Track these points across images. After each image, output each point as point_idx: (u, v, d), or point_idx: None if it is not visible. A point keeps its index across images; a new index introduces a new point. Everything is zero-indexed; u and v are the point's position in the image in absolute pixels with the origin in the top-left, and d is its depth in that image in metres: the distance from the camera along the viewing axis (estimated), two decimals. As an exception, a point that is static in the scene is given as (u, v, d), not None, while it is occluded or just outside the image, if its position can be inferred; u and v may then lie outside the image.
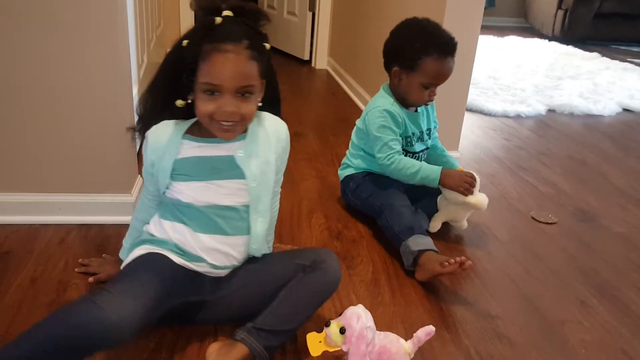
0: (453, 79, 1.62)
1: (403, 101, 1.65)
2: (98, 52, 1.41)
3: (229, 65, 1.02)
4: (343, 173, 1.78)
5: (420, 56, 1.54)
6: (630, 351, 1.24)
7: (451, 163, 1.74)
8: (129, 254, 1.13)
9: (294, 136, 2.39)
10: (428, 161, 1.74)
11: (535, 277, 1.50)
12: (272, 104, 1.20)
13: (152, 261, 1.09)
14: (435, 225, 1.64)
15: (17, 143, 1.47)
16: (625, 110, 3.36)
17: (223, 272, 1.16)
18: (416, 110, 1.68)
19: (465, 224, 1.67)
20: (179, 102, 1.08)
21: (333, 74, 3.63)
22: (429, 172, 1.58)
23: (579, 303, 1.40)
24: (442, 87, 1.86)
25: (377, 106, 1.63)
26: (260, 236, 1.17)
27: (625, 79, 4.02)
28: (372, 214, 1.65)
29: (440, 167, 1.59)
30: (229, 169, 1.12)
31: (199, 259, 1.12)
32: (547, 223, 1.81)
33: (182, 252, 1.12)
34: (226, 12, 1.06)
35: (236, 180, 1.12)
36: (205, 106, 1.05)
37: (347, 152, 1.79)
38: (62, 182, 1.52)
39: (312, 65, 3.86)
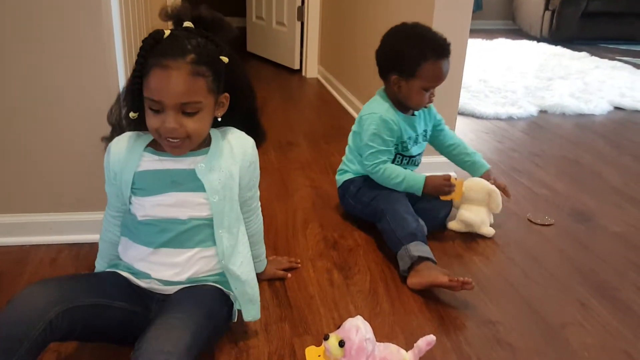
0: (444, 83, 1.62)
1: (400, 106, 1.65)
2: (87, 72, 1.40)
3: (168, 81, 1.00)
4: (342, 178, 1.76)
5: (419, 62, 1.56)
6: (633, 353, 1.22)
7: (480, 163, 1.77)
8: None
9: (287, 145, 2.41)
10: (456, 162, 1.81)
11: (534, 280, 1.49)
12: (245, 117, 1.19)
13: (97, 273, 1.14)
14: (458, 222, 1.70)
15: (5, 163, 1.46)
16: (617, 108, 3.36)
17: (171, 289, 1.11)
18: (413, 114, 1.68)
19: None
20: (132, 115, 1.07)
21: (324, 82, 3.63)
22: (413, 182, 1.61)
23: (579, 305, 1.39)
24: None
25: (372, 112, 1.63)
26: (226, 253, 1.12)
27: (615, 77, 4.03)
28: (372, 219, 1.63)
29: (424, 176, 1.61)
30: (189, 182, 1.09)
31: (145, 276, 1.11)
32: (544, 225, 1.80)
33: (131, 271, 1.11)
34: (186, 24, 1.06)
35: (196, 194, 1.09)
36: (151, 122, 1.04)
37: (344, 157, 1.78)
38: (52, 201, 1.50)
39: (303, 74, 3.85)
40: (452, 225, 1.72)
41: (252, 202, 1.25)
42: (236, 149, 1.14)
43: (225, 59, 1.07)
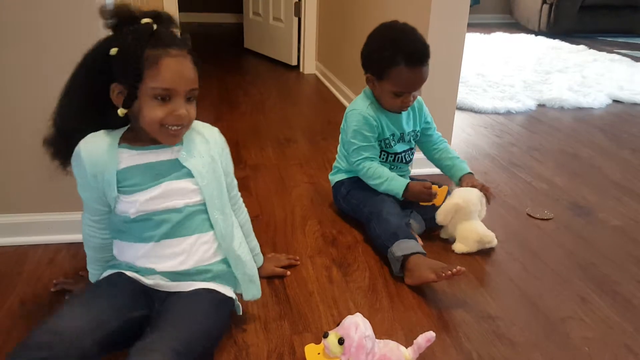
0: (442, 78, 1.61)
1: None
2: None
3: (179, 68, 1.04)
4: (334, 178, 1.76)
5: (389, 66, 1.53)
6: (634, 346, 1.22)
7: (459, 167, 1.70)
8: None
9: (285, 142, 2.41)
10: (437, 165, 1.76)
11: (533, 274, 1.49)
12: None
13: (108, 279, 1.11)
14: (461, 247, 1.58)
15: (2, 163, 1.45)
16: (615, 101, 3.35)
17: (176, 286, 1.10)
18: (404, 110, 1.66)
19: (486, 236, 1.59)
20: (121, 111, 1.05)
21: (321, 78, 3.61)
22: (393, 186, 1.59)
23: (579, 299, 1.38)
24: (431, 86, 1.84)
25: (353, 109, 1.64)
26: (224, 234, 1.14)
27: (614, 70, 4.02)
28: (362, 221, 1.63)
29: (406, 182, 1.58)
30: (173, 171, 1.11)
31: (150, 272, 1.10)
32: (543, 219, 1.80)
33: (134, 269, 1.10)
34: (146, 20, 1.05)
35: (185, 180, 1.11)
36: (154, 113, 1.04)
37: (337, 155, 1.78)
38: (49, 201, 1.49)
39: (300, 70, 3.84)
40: (462, 248, 1.57)
41: (232, 190, 1.26)
42: (207, 136, 1.18)
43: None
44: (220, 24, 5.69)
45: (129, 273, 1.10)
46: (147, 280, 1.10)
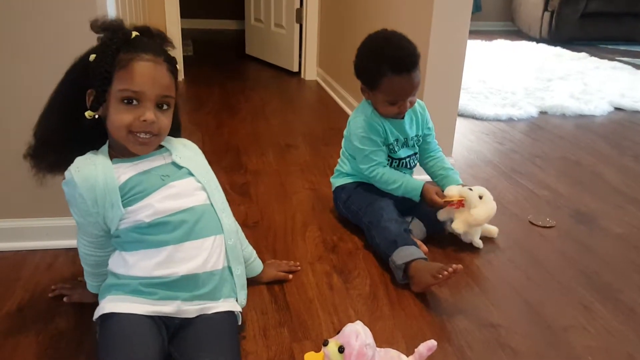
0: (444, 84, 1.61)
1: None
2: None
3: (151, 72, 1.03)
4: (335, 182, 1.76)
5: (377, 76, 1.54)
6: (637, 355, 1.21)
7: (452, 179, 1.69)
8: (100, 299, 1.09)
9: (286, 148, 2.40)
10: (430, 173, 1.75)
11: (536, 282, 1.47)
12: (173, 130, 1.18)
13: (133, 336, 1.00)
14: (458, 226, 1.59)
15: (1, 168, 1.44)
16: (617, 109, 3.35)
17: (193, 308, 1.07)
18: (402, 117, 1.66)
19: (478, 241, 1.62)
20: (88, 114, 1.03)
21: (323, 84, 3.61)
22: (410, 189, 1.59)
23: (582, 308, 1.37)
24: (433, 93, 1.84)
25: (357, 116, 1.64)
26: (231, 231, 1.16)
27: (615, 78, 4.02)
28: (362, 228, 1.62)
29: (423, 184, 1.58)
30: (175, 172, 1.12)
31: (170, 296, 1.05)
32: (545, 227, 1.78)
33: (149, 290, 1.04)
34: (134, 33, 1.06)
35: (187, 180, 1.13)
36: (122, 117, 1.03)
37: (339, 158, 1.78)
38: (48, 206, 1.48)
39: (302, 76, 3.84)
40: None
41: None
42: (188, 145, 1.21)
43: (178, 67, 1.11)
44: (222, 31, 5.70)
45: (142, 307, 1.03)
46: (166, 308, 1.05)
